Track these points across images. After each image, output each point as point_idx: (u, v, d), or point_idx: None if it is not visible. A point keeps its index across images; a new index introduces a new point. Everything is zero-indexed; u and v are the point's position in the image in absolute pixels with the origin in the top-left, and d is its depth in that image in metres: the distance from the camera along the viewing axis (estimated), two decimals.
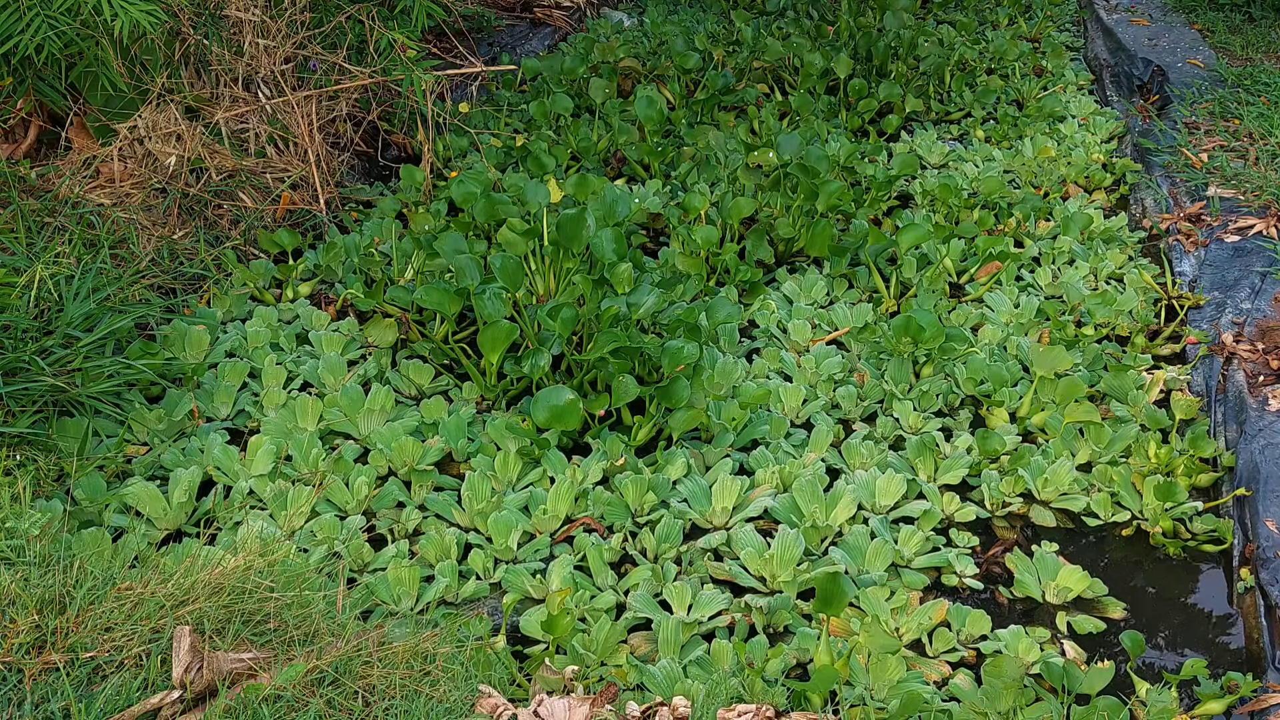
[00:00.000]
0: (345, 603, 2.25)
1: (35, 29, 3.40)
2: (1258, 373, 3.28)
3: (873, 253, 3.91)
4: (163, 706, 1.84)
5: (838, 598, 2.28)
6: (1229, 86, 5.46)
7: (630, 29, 6.24)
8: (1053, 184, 4.67)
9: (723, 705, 2.10)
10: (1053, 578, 2.66)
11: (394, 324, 3.37)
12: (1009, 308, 3.73)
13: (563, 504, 2.77)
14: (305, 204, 4.04)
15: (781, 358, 3.41)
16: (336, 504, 2.75)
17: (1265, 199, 4.26)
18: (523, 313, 3.34)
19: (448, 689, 2.01)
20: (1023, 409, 3.20)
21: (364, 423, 3.01)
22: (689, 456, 2.96)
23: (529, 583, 2.54)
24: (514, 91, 5.32)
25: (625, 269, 3.40)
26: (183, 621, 1.97)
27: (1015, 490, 2.94)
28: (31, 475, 2.56)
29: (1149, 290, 3.87)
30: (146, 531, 2.59)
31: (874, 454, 3.02)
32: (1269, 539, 2.67)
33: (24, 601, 1.95)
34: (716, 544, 2.71)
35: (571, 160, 4.64)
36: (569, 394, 2.94)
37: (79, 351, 2.86)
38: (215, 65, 4.04)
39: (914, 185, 4.60)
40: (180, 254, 3.56)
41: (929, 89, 5.62)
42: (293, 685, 1.89)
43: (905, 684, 2.31)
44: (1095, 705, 2.26)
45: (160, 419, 2.96)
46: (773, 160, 4.37)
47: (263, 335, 3.34)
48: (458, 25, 5.50)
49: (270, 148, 4.10)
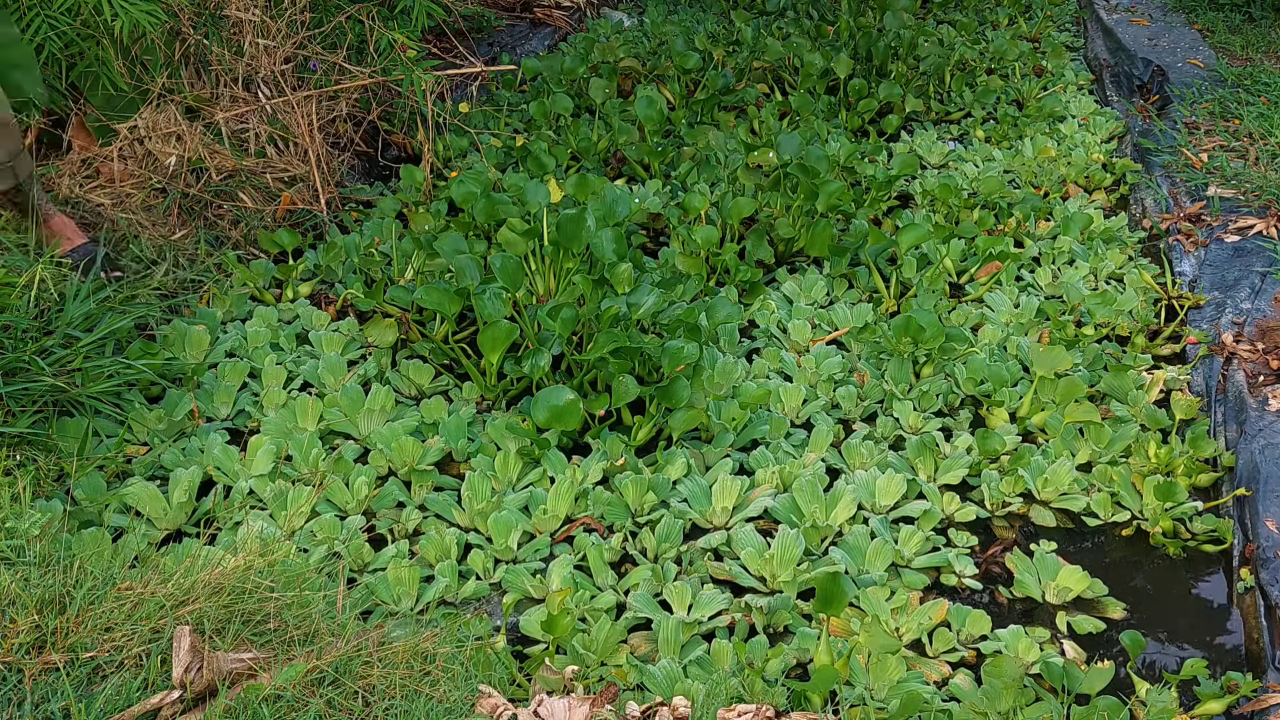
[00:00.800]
0: (345, 603, 2.25)
1: (35, 29, 3.40)
2: (1258, 373, 3.28)
3: (873, 253, 3.91)
4: (163, 706, 1.84)
5: (838, 598, 2.28)
6: (1229, 86, 5.46)
7: (630, 29, 6.24)
8: (1053, 184, 4.67)
9: (723, 705, 2.10)
10: (1052, 578, 2.66)
11: (394, 324, 3.37)
12: (1009, 308, 3.73)
13: (563, 504, 2.77)
14: (305, 204, 4.04)
15: (781, 358, 3.41)
16: (336, 504, 2.75)
17: (1265, 199, 4.26)
18: (523, 313, 3.34)
19: (448, 689, 2.01)
20: (1023, 409, 3.20)
21: (364, 423, 3.01)
22: (689, 456, 2.96)
23: (529, 583, 2.54)
24: (514, 91, 5.32)
25: (625, 269, 3.40)
26: (183, 621, 1.97)
27: (1015, 490, 2.94)
28: (31, 475, 2.56)
29: (1149, 290, 3.87)
30: (146, 531, 2.59)
31: (874, 454, 3.02)
32: (1269, 539, 2.67)
33: (24, 601, 1.95)
34: (716, 544, 2.71)
35: (571, 160, 4.64)
36: (569, 394, 2.94)
37: (79, 351, 2.86)
38: (215, 65, 4.04)
39: (914, 185, 4.60)
40: (180, 254, 3.56)
41: (929, 89, 5.62)
42: (293, 685, 1.89)
43: (905, 684, 2.31)
44: (1095, 705, 2.26)
45: (160, 419, 2.96)
46: (773, 160, 4.37)
47: (263, 335, 3.34)
48: (458, 25, 5.50)
49: (270, 148, 4.10)
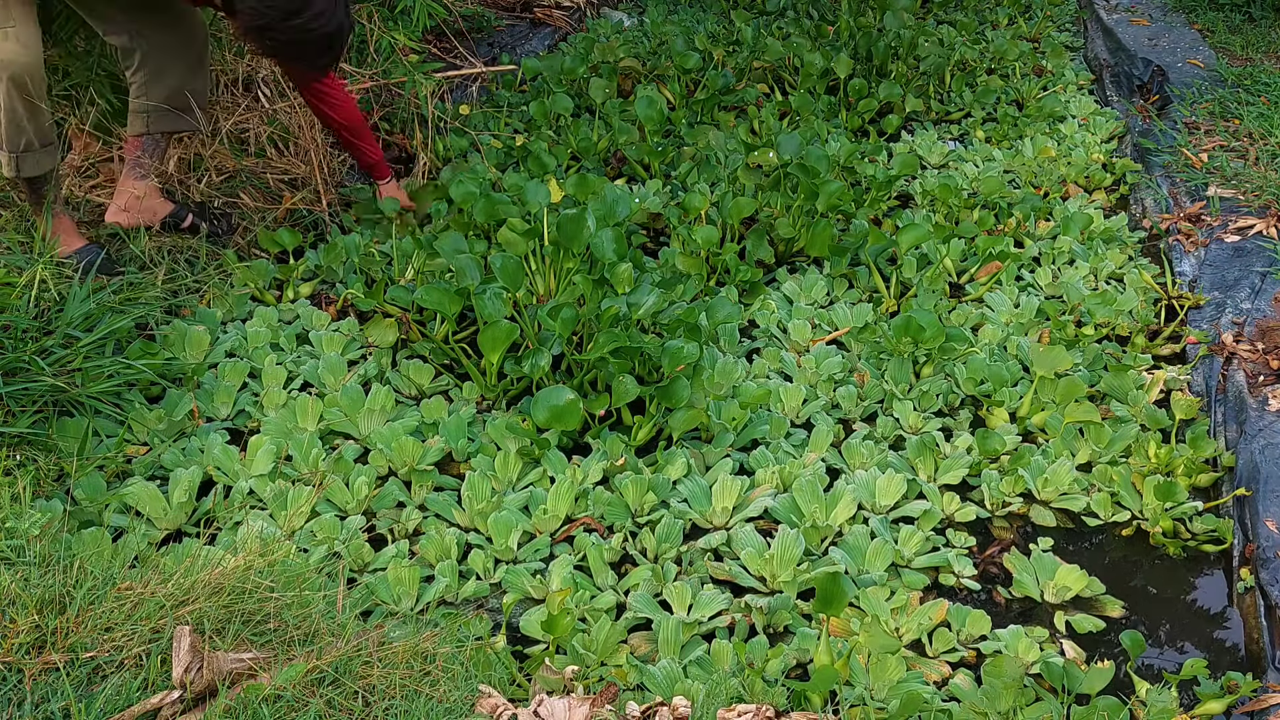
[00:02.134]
0: (345, 603, 2.25)
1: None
2: (1258, 373, 3.28)
3: (873, 253, 3.91)
4: (163, 706, 1.84)
5: (838, 598, 2.28)
6: (1229, 86, 5.46)
7: (630, 29, 6.23)
8: (1053, 184, 4.67)
9: (723, 705, 2.10)
10: (1050, 577, 2.66)
11: (394, 324, 3.37)
12: (1009, 308, 3.73)
13: (563, 504, 2.77)
14: (306, 204, 4.04)
15: (781, 358, 3.42)
16: (336, 504, 2.75)
17: (1265, 199, 4.26)
18: (523, 313, 3.34)
19: (448, 689, 2.01)
20: (1023, 409, 3.20)
21: (364, 423, 3.01)
22: (689, 456, 2.96)
23: (529, 583, 2.55)
24: (514, 91, 5.32)
25: (625, 269, 3.40)
26: (183, 621, 1.97)
27: (1015, 490, 2.94)
28: (31, 475, 2.56)
29: (1149, 290, 3.87)
30: (146, 531, 2.59)
31: (874, 454, 3.03)
32: (1269, 539, 2.67)
33: (24, 601, 1.95)
34: (716, 544, 2.71)
35: (572, 160, 4.64)
36: (569, 394, 2.94)
37: (79, 351, 2.86)
38: (215, 66, 4.04)
39: (914, 185, 4.61)
40: (180, 254, 3.56)
41: (929, 89, 5.62)
42: (293, 685, 1.89)
43: (905, 684, 2.31)
44: (1095, 705, 2.26)
45: (160, 419, 2.96)
46: (773, 160, 4.37)
47: (263, 335, 3.34)
48: (458, 25, 5.50)
49: (270, 148, 4.10)
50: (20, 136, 2.95)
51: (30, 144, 2.98)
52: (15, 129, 2.93)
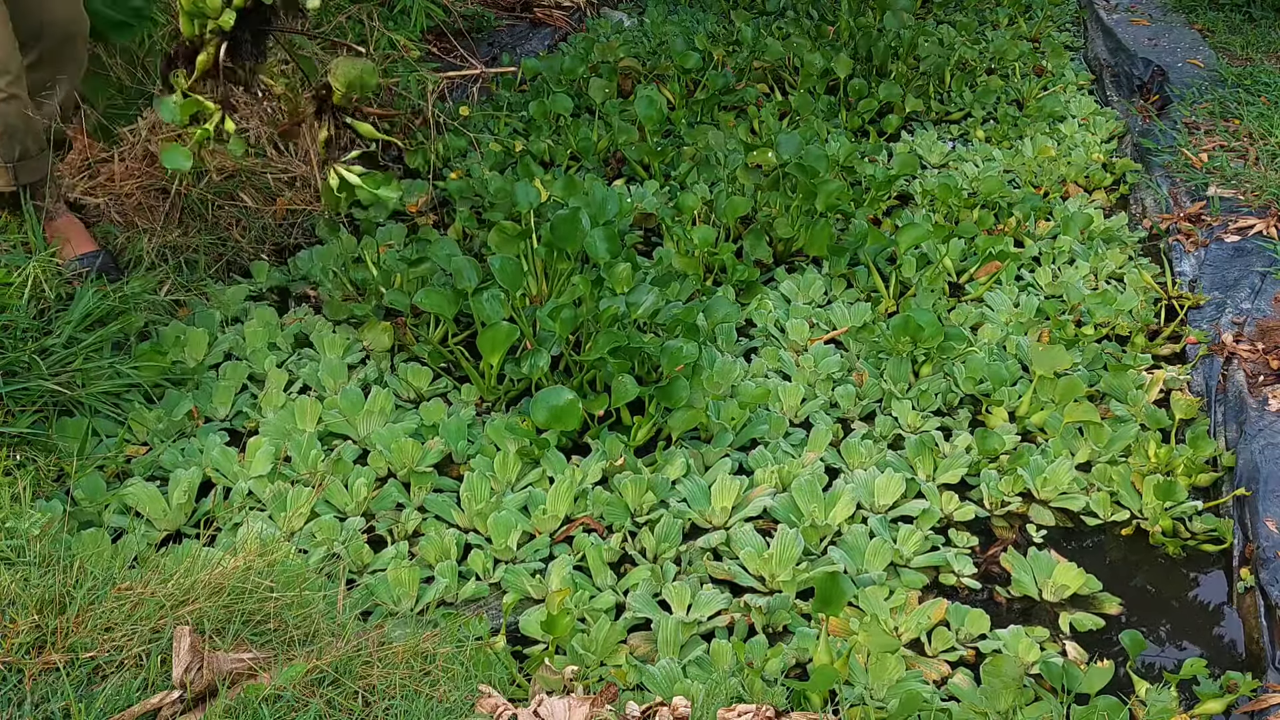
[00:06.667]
0: (345, 603, 2.26)
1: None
2: (1258, 373, 3.28)
3: (872, 252, 3.91)
4: (163, 706, 1.84)
5: (837, 597, 2.29)
6: (1229, 86, 5.45)
7: (630, 29, 6.23)
8: (1053, 184, 4.67)
9: (723, 705, 2.10)
10: (1048, 575, 2.66)
11: (390, 328, 3.36)
12: (1009, 307, 3.73)
13: (562, 504, 2.77)
14: (305, 204, 4.04)
15: (780, 357, 3.42)
16: (336, 505, 2.75)
17: (1265, 199, 4.26)
18: (521, 314, 3.34)
19: (448, 689, 2.02)
20: (1022, 408, 3.20)
21: (363, 424, 3.01)
22: (688, 456, 2.96)
23: (529, 583, 2.55)
24: (514, 91, 5.32)
25: (624, 269, 3.40)
26: (183, 621, 1.97)
27: (1014, 489, 2.94)
28: (31, 475, 2.56)
29: (1149, 290, 3.87)
30: (146, 532, 2.60)
31: (873, 453, 3.03)
32: (1269, 539, 2.67)
33: (24, 601, 1.95)
34: (716, 544, 2.71)
35: (571, 160, 4.64)
36: (568, 394, 2.94)
37: (79, 352, 2.86)
38: None
39: (914, 185, 4.60)
40: (180, 254, 3.56)
41: (929, 89, 5.62)
42: (293, 685, 1.89)
43: (905, 683, 2.31)
44: (1095, 705, 2.26)
45: (160, 419, 2.96)
46: (772, 160, 4.37)
47: (261, 337, 3.34)
48: (457, 25, 5.50)
49: (270, 148, 4.10)
50: (15, 147, 2.96)
51: (26, 152, 2.98)
52: (9, 140, 2.94)
